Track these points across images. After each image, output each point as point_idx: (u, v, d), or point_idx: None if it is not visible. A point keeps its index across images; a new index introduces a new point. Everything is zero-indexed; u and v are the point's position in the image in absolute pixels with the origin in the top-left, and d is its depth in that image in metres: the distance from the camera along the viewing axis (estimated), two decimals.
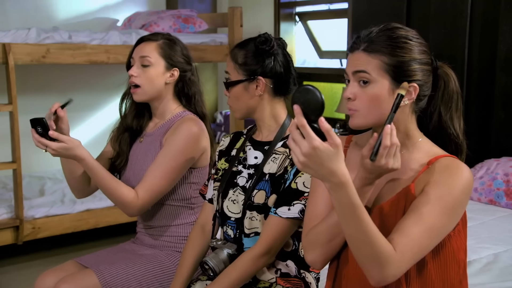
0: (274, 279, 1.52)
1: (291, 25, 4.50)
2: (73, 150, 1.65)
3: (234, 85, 1.54)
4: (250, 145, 1.60)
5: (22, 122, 3.17)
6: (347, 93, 1.20)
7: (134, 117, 1.93)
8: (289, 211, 1.44)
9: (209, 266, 1.51)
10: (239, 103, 1.55)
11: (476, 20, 3.05)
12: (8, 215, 3.13)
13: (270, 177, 1.50)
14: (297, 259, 1.52)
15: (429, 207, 1.11)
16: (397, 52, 1.17)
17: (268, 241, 1.45)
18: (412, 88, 1.19)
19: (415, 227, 1.10)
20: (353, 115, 1.21)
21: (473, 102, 3.10)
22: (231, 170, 1.59)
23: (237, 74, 1.54)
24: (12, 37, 3.08)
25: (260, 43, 1.52)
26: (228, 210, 1.56)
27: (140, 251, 1.89)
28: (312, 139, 0.99)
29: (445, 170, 1.15)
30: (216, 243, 1.56)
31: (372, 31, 1.21)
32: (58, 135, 1.62)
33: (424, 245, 1.11)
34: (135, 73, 1.83)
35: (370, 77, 1.18)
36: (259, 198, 1.50)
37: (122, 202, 1.75)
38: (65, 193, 3.54)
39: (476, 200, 2.76)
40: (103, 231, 3.56)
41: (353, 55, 1.21)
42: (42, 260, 3.28)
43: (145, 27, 3.86)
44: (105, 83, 4.25)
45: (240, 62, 1.53)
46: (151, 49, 1.83)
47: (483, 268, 1.97)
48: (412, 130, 1.23)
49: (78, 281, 1.69)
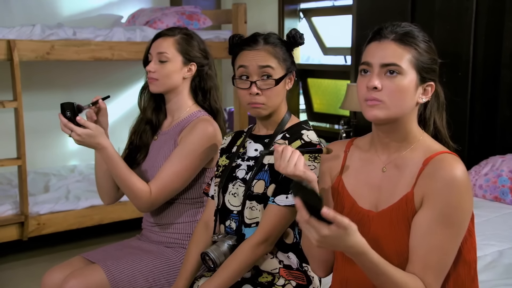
0: (277, 269, 1.53)
1: (295, 22, 4.49)
2: (97, 138, 1.67)
3: (281, 80, 1.52)
4: (250, 140, 1.62)
5: (27, 119, 3.19)
6: (374, 83, 1.15)
7: (153, 111, 1.94)
8: (287, 199, 1.46)
9: (209, 257, 1.51)
10: (278, 98, 1.54)
11: (481, 17, 3.04)
12: (13, 211, 3.14)
13: (269, 167, 1.52)
14: (299, 252, 1.53)
15: (437, 230, 1.13)
16: (428, 50, 1.19)
17: (266, 229, 1.46)
18: (430, 87, 1.20)
19: (432, 254, 1.13)
20: (375, 106, 1.17)
21: (478, 99, 3.09)
22: (230, 165, 1.60)
23: (280, 69, 1.52)
24: (16, 34, 3.09)
25: (299, 37, 1.55)
26: (230, 204, 1.57)
27: (147, 247, 1.90)
28: (320, 230, 1.03)
29: (439, 176, 1.14)
30: (218, 237, 1.57)
31: (399, 24, 1.19)
32: (85, 121, 1.65)
33: (446, 264, 1.16)
34: (152, 69, 1.84)
35: (401, 70, 1.16)
36: (259, 187, 1.51)
37: (136, 196, 1.76)
38: (70, 189, 3.56)
39: (481, 197, 2.75)
40: (107, 227, 3.56)
41: (380, 44, 1.17)
42: (47, 256, 3.29)
43: (149, 24, 3.86)
44: (109, 80, 4.25)
45: (282, 58, 1.53)
46: (168, 44, 1.84)
47: (488, 265, 1.97)
48: (414, 129, 1.23)
49: (85, 276, 1.70)
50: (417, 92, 1.19)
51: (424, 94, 1.20)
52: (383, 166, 1.24)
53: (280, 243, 1.53)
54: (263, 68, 1.50)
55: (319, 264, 1.34)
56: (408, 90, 1.16)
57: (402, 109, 1.17)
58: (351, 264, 1.24)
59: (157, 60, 1.84)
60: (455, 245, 1.16)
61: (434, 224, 1.13)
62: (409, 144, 1.22)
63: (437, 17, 3.21)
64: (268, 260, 1.54)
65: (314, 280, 1.55)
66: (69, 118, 1.64)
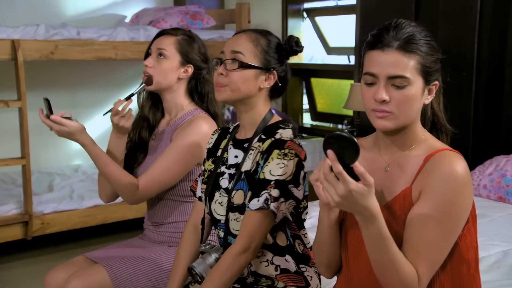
0: (274, 275, 1.49)
1: (298, 21, 4.48)
2: (74, 135, 1.70)
3: (249, 68, 1.46)
4: (231, 145, 1.56)
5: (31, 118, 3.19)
6: (382, 96, 1.14)
7: (150, 108, 1.95)
8: (258, 202, 1.38)
9: (196, 272, 1.48)
10: (242, 86, 1.46)
11: (485, 16, 3.03)
12: (17, 210, 3.15)
13: (245, 175, 1.46)
14: (295, 254, 1.50)
15: (430, 222, 1.12)
16: (431, 52, 1.18)
17: (244, 237, 1.40)
18: (434, 86, 1.20)
19: (425, 246, 1.12)
20: (384, 117, 1.16)
21: (483, 99, 3.08)
22: (216, 171, 1.55)
23: (253, 58, 1.46)
24: (21, 34, 3.10)
25: (295, 43, 1.49)
26: (216, 213, 1.52)
27: (149, 247, 1.90)
28: (349, 183, 1.02)
29: (438, 170, 1.13)
30: (205, 247, 1.53)
31: (400, 26, 1.16)
32: (59, 120, 1.68)
33: (438, 258, 1.15)
34: (149, 63, 1.85)
35: (408, 80, 1.15)
36: (238, 198, 1.46)
37: (123, 190, 1.77)
38: (74, 189, 3.57)
39: (485, 197, 2.75)
40: (111, 227, 3.57)
41: (384, 54, 1.15)
42: (50, 255, 3.30)
43: (153, 24, 3.87)
44: (113, 79, 4.26)
45: (262, 49, 1.47)
46: (169, 42, 1.85)
47: (492, 266, 1.96)
48: (417, 129, 1.23)
49: (88, 276, 1.70)
50: (423, 96, 1.19)
51: (429, 94, 1.20)
52: (386, 165, 1.24)
53: (274, 247, 1.48)
54: (234, 54, 1.46)
55: (327, 264, 1.33)
56: (416, 98, 1.16)
57: (411, 117, 1.18)
58: (356, 264, 1.24)
59: (156, 56, 1.85)
60: (449, 240, 1.14)
61: (428, 217, 1.12)
62: (411, 143, 1.22)
63: (441, 16, 3.20)
64: (264, 267, 1.49)
65: (313, 281, 1.52)
66: (47, 115, 1.69)
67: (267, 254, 1.49)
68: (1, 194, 3.39)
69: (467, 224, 1.19)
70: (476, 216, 1.22)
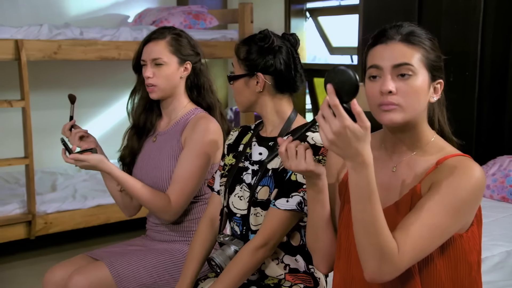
0: (282, 275, 1.52)
1: (301, 21, 4.48)
2: (97, 167, 1.74)
3: (236, 79, 1.55)
4: (255, 141, 1.59)
5: (34, 118, 3.20)
6: (389, 87, 1.13)
7: (141, 113, 1.94)
8: (288, 203, 1.43)
9: (215, 263, 1.51)
10: (240, 97, 1.56)
11: (489, 16, 3.02)
12: (20, 210, 3.16)
13: (273, 173, 1.50)
14: (305, 254, 1.51)
15: (433, 207, 1.09)
16: (435, 47, 1.18)
17: (265, 233, 1.45)
18: (439, 84, 1.20)
19: (417, 226, 1.08)
20: (391, 110, 1.14)
21: (486, 98, 3.07)
22: (237, 166, 1.59)
23: (239, 68, 1.54)
24: (24, 34, 3.11)
25: (259, 39, 1.51)
26: (234, 207, 1.55)
27: (151, 245, 1.91)
28: (344, 119, 1.01)
29: (453, 170, 1.12)
30: (224, 238, 1.56)
31: (401, 25, 1.18)
32: (77, 157, 1.72)
33: (426, 245, 1.10)
34: (150, 74, 1.83)
35: (414, 69, 1.14)
36: (263, 194, 1.49)
37: (157, 208, 1.80)
38: (77, 188, 3.57)
39: (489, 197, 2.74)
40: (114, 227, 3.57)
41: (388, 46, 1.15)
42: (53, 255, 3.31)
43: (156, 23, 3.87)
44: (116, 79, 4.26)
45: (242, 57, 1.53)
46: (161, 49, 1.84)
47: (496, 266, 1.96)
48: (425, 130, 1.22)
49: (90, 272, 1.71)
50: (429, 92, 1.18)
51: (435, 93, 1.20)
52: (393, 166, 1.23)
53: (287, 245, 1.51)
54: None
55: (322, 258, 1.32)
56: (422, 90, 1.15)
57: (417, 110, 1.16)
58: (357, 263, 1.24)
59: (153, 65, 1.84)
60: (442, 234, 1.11)
61: (435, 204, 1.09)
62: (421, 144, 1.21)
63: (445, 16, 3.19)
64: (273, 266, 1.52)
65: (321, 281, 1.54)
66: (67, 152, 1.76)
67: (278, 252, 1.51)
68: (5, 194, 3.40)
69: (472, 226, 1.18)
70: (481, 220, 1.21)
